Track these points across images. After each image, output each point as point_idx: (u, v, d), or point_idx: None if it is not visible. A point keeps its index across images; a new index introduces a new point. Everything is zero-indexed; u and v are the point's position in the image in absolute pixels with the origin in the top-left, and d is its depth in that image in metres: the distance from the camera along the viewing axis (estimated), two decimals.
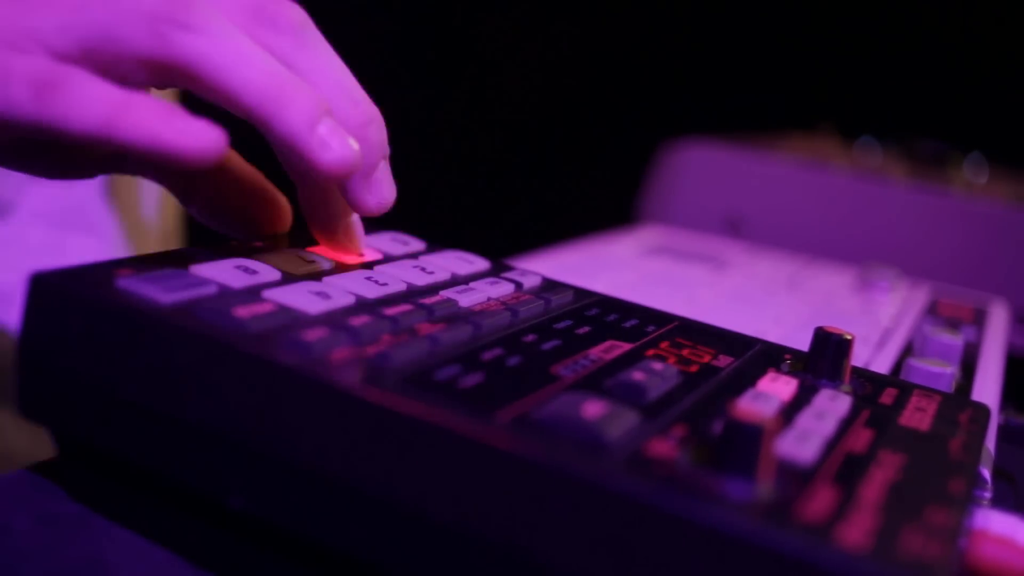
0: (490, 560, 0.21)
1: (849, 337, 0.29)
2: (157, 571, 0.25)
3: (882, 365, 0.40)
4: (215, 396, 0.24)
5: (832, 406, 0.26)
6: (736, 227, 0.74)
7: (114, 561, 0.25)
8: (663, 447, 0.22)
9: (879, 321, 0.48)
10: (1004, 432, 0.45)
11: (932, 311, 0.53)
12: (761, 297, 0.50)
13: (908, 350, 0.44)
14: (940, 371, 0.37)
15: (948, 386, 0.37)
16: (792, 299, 0.51)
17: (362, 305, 0.27)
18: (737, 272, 0.56)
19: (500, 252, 0.53)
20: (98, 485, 0.27)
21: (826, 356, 0.29)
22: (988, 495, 0.28)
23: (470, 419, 0.22)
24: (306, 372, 0.23)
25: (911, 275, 0.65)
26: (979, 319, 0.52)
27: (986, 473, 0.34)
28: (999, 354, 0.47)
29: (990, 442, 0.35)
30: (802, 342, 0.41)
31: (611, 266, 0.53)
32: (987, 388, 0.41)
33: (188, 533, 0.26)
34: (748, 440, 0.21)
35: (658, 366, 0.26)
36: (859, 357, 0.41)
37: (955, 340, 0.42)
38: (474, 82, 1.19)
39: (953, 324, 0.50)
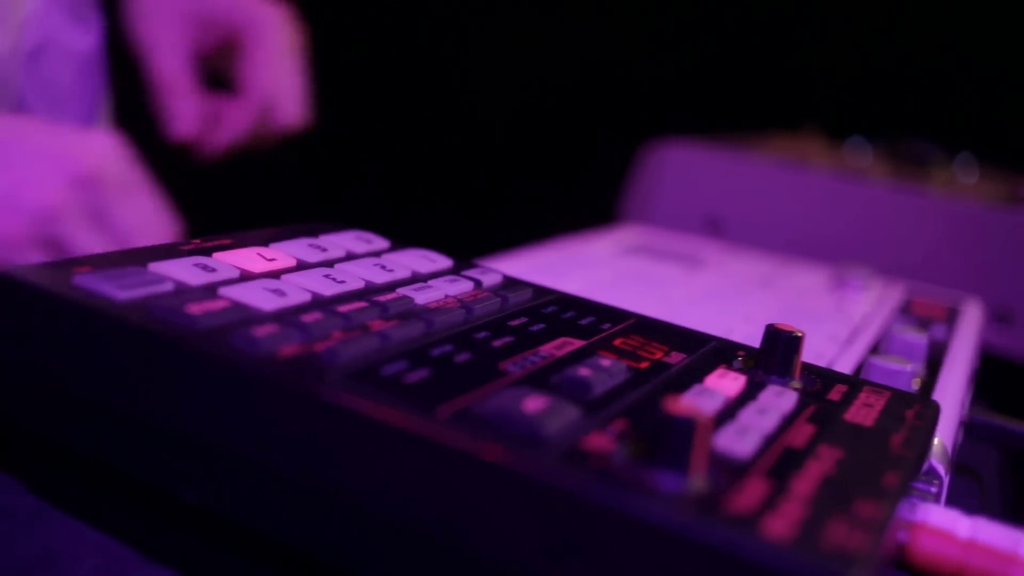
0: (430, 552, 0.22)
1: (799, 334, 0.29)
2: (112, 563, 0.26)
3: (847, 363, 0.41)
4: (164, 391, 0.24)
5: (777, 402, 0.27)
6: (717, 227, 0.75)
7: (69, 553, 0.26)
8: (601, 441, 0.22)
9: (851, 319, 0.48)
10: (970, 429, 0.46)
11: (906, 310, 0.53)
12: (733, 296, 0.51)
13: (876, 348, 0.44)
14: (899, 368, 0.38)
15: (907, 383, 0.37)
16: (765, 298, 0.51)
17: (317, 302, 0.28)
18: (712, 271, 0.56)
19: (482, 251, 0.54)
20: (53, 479, 0.27)
21: (776, 353, 0.29)
22: (935, 489, 0.28)
23: (409, 413, 0.22)
24: (251, 367, 0.23)
25: (892, 274, 0.65)
26: (952, 317, 0.53)
27: (940, 468, 0.34)
28: (967, 352, 0.48)
29: (947, 438, 0.36)
30: None
31: (586, 265, 0.53)
32: (951, 385, 0.42)
33: (142, 526, 0.26)
34: (680, 434, 0.21)
35: (606, 362, 0.27)
36: (825, 355, 0.42)
37: (919, 338, 0.42)
38: (457, 82, 1.19)
39: (924, 323, 0.50)
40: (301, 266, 0.31)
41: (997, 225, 0.63)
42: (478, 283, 0.33)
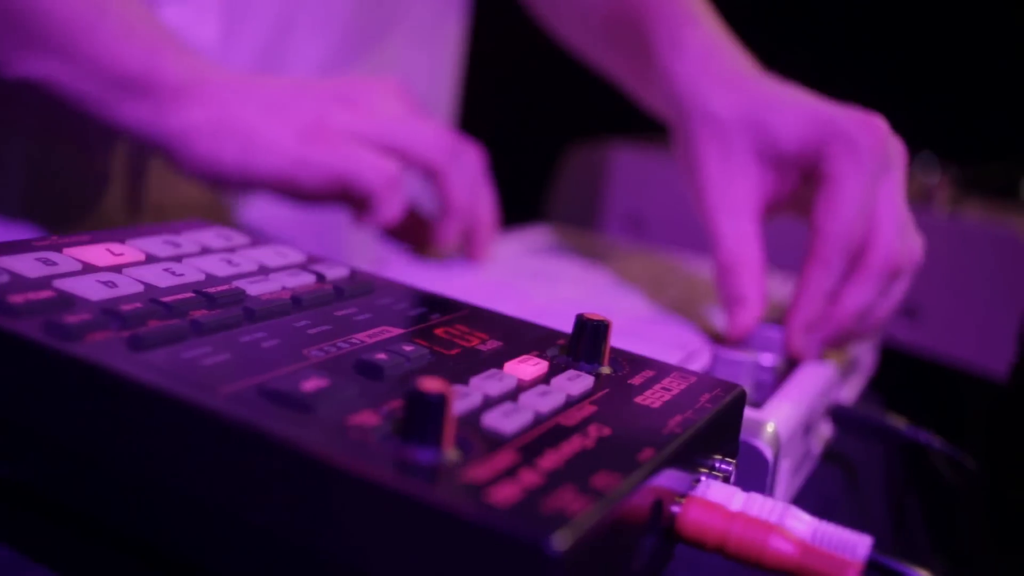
0: (208, 522, 0.24)
1: (606, 322, 0.31)
2: None
3: (704, 358, 0.43)
4: None
5: (568, 385, 0.29)
6: (640, 226, 0.76)
7: None
8: (369, 418, 0.24)
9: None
10: (839, 419, 0.47)
11: None
12: (620, 293, 0.52)
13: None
14: (741, 359, 0.39)
15: (748, 373, 0.39)
16: (655, 295, 0.53)
17: (145, 293, 0.30)
18: (610, 269, 0.58)
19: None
20: None
21: (584, 340, 0.31)
22: (730, 468, 0.30)
23: (191, 388, 0.24)
24: (55, 351, 0.25)
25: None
26: None
27: (768, 451, 0.36)
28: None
29: (788, 425, 0.38)
30: (642, 336, 0.43)
31: (484, 264, 0.55)
32: (810, 376, 0.43)
33: None
34: (428, 410, 0.23)
35: (408, 348, 0.29)
36: (687, 348, 0.44)
37: (775, 331, 0.44)
38: None
39: None
40: (149, 260, 0.33)
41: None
42: (321, 276, 0.35)
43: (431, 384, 0.23)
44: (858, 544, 0.27)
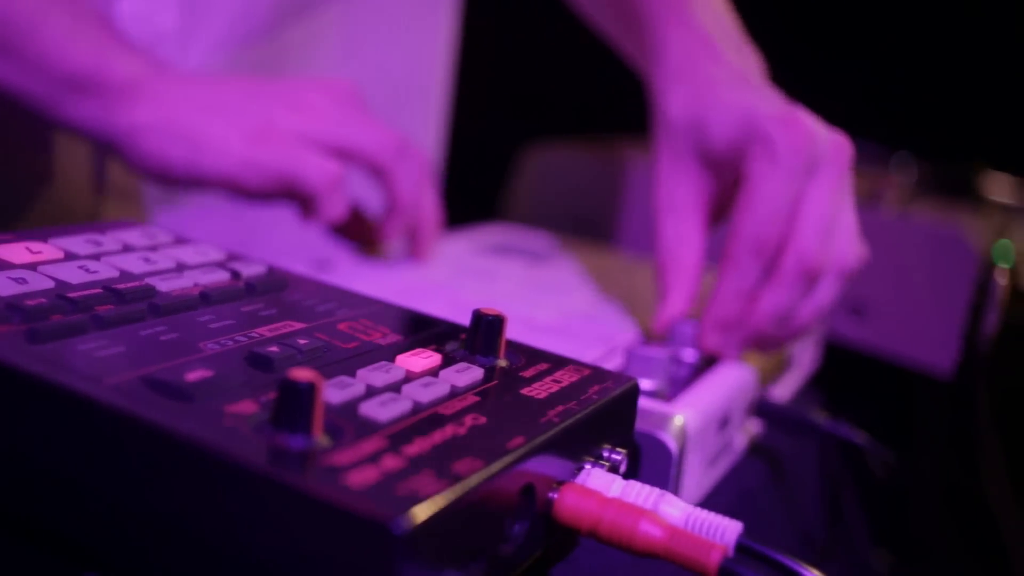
0: (97, 508, 0.25)
1: (501, 317, 0.32)
2: None
3: (623, 354, 0.44)
4: None
5: (455, 377, 0.30)
6: (597, 227, 0.78)
7: None
8: (247, 407, 0.25)
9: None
10: (765, 414, 0.49)
11: None
12: (559, 290, 0.54)
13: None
14: (653, 354, 0.41)
15: (660, 368, 0.40)
16: (596, 292, 0.54)
17: (54, 290, 0.31)
18: (554, 267, 0.59)
19: None
20: None
21: (479, 334, 0.32)
22: (620, 458, 0.31)
23: (76, 378, 0.25)
24: None
25: None
26: None
27: (672, 444, 0.37)
28: None
29: (696, 419, 0.39)
30: (567, 332, 0.45)
31: (425, 264, 0.56)
32: (725, 372, 0.45)
33: None
34: (298, 398, 0.24)
35: (303, 342, 0.30)
36: (606, 345, 0.45)
37: (691, 325, 0.45)
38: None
39: None
40: (67, 258, 0.34)
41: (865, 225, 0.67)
42: (236, 274, 0.36)
43: (301, 374, 0.24)
44: (727, 529, 0.28)
